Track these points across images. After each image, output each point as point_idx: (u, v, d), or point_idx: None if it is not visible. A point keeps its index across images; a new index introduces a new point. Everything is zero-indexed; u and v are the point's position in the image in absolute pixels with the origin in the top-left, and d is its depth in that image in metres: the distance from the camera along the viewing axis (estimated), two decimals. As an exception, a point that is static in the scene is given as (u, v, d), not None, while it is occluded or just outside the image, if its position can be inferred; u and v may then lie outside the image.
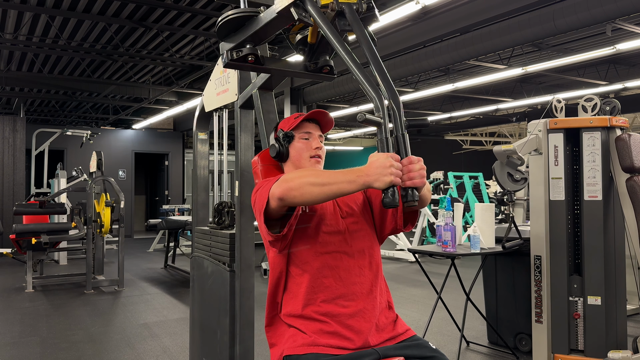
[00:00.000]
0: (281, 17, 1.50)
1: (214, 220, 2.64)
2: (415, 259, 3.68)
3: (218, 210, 2.60)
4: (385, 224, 1.67)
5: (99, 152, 6.89)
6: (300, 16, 1.44)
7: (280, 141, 1.65)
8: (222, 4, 6.01)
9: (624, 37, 7.17)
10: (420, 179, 1.23)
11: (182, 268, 7.14)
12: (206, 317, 2.57)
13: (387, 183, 1.20)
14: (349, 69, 1.34)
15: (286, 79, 8.42)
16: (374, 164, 1.23)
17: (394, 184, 1.20)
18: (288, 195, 1.37)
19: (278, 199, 1.40)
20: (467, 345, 3.78)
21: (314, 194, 1.33)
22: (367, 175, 1.23)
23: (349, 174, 1.28)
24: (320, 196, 1.33)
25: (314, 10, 1.41)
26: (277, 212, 1.48)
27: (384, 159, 1.21)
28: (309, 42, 1.66)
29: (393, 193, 1.21)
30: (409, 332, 1.62)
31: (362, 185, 1.25)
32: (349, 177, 1.27)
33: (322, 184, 1.32)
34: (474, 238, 3.26)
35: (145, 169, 15.43)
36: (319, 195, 1.33)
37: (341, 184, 1.29)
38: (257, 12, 1.58)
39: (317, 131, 1.68)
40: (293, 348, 1.50)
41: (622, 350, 2.87)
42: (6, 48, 7.55)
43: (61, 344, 3.88)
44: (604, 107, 3.31)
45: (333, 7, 1.44)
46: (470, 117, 14.24)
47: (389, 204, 1.21)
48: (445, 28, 6.05)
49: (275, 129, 1.71)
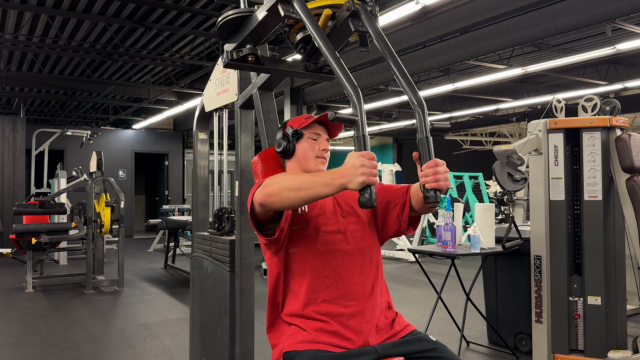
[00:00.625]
0: (271, 15, 1.51)
1: (213, 226, 2.62)
2: (415, 259, 3.68)
3: (218, 216, 2.59)
4: (388, 226, 1.67)
5: (99, 152, 6.89)
6: (287, 13, 1.45)
7: (288, 137, 1.66)
8: (222, 4, 6.01)
9: (624, 37, 7.17)
10: (444, 182, 1.26)
11: (182, 268, 7.14)
12: (206, 317, 2.57)
13: (359, 184, 1.18)
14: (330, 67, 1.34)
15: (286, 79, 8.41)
16: (346, 165, 1.22)
17: (367, 184, 1.18)
18: (267, 201, 1.39)
19: (259, 204, 1.42)
20: (467, 345, 3.78)
21: (292, 199, 1.34)
22: (341, 177, 1.22)
23: (325, 177, 1.28)
24: (297, 201, 1.33)
25: (299, 6, 1.42)
26: (265, 217, 1.48)
27: (355, 158, 1.20)
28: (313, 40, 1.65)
29: (369, 193, 1.18)
30: (409, 327, 1.62)
31: (338, 187, 1.24)
32: (325, 179, 1.27)
33: (299, 189, 1.32)
34: (474, 238, 3.26)
35: (145, 169, 15.43)
36: (297, 200, 1.33)
37: (317, 188, 1.29)
38: (252, 12, 1.59)
39: (325, 135, 1.69)
40: (293, 344, 1.50)
41: (622, 350, 2.87)
42: (6, 48, 7.55)
43: (61, 344, 3.88)
44: (604, 107, 3.31)
45: (348, 7, 1.45)
46: (470, 117, 14.23)
47: (364, 204, 1.19)
48: (445, 28, 6.05)
49: (284, 126, 1.71)
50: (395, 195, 1.65)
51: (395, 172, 11.65)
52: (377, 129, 15.13)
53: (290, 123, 1.70)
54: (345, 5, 1.46)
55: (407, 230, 1.65)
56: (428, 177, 1.28)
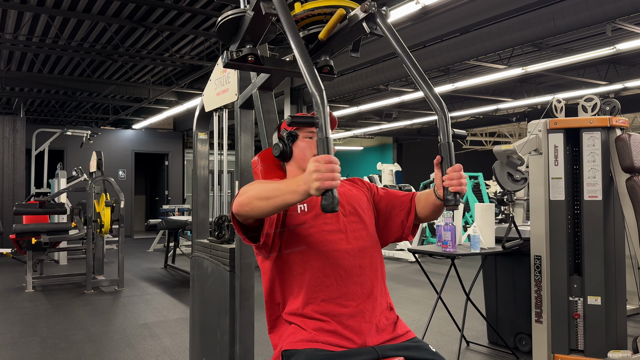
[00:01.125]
0: (257, 13, 1.52)
1: (213, 233, 2.62)
2: (415, 259, 3.68)
3: (218, 224, 2.57)
4: (391, 231, 1.70)
5: (99, 152, 6.89)
6: (267, 10, 1.46)
7: (284, 140, 1.65)
8: (222, 4, 6.01)
9: (624, 37, 7.17)
10: (465, 186, 1.36)
11: (182, 268, 7.14)
12: (206, 317, 2.57)
13: (315, 189, 1.16)
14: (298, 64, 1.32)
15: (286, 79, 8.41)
16: (306, 171, 1.19)
17: (325, 189, 1.15)
18: (241, 211, 1.40)
19: (235, 213, 1.43)
20: (467, 345, 3.78)
21: (262, 207, 1.34)
22: (304, 183, 1.20)
23: (291, 184, 1.26)
24: (268, 209, 1.33)
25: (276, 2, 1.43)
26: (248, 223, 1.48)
27: (311, 164, 1.17)
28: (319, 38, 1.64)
29: (331, 197, 1.15)
30: (409, 333, 1.62)
31: (304, 194, 1.22)
32: (292, 187, 1.26)
33: (267, 198, 1.31)
34: (474, 238, 3.26)
35: (145, 169, 15.43)
36: (267, 209, 1.33)
37: (284, 196, 1.28)
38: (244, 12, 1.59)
39: None
40: (292, 343, 1.50)
41: (622, 350, 2.88)
42: (6, 48, 7.55)
43: (61, 344, 3.88)
44: (604, 107, 3.31)
45: (366, 8, 1.46)
46: (470, 117, 14.24)
47: (324, 208, 1.16)
48: (445, 28, 6.05)
49: (279, 129, 1.71)
50: (400, 202, 1.70)
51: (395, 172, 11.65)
52: (377, 129, 15.12)
53: (284, 125, 1.69)
54: (362, 7, 1.46)
55: (408, 236, 1.70)
56: (453, 181, 1.36)
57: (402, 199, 1.69)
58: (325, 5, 1.55)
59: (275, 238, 1.53)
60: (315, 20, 1.62)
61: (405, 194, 1.70)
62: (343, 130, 16.15)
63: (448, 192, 1.37)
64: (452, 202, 1.36)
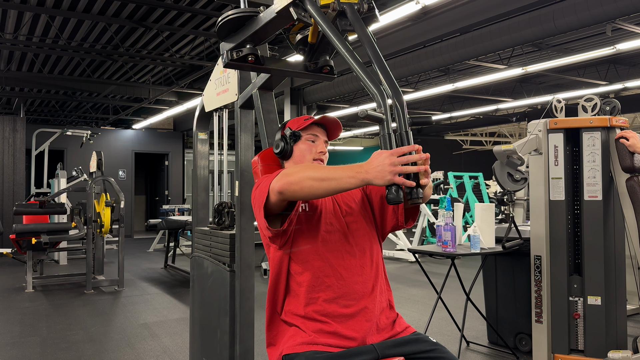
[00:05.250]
0: (280, 17, 1.50)
1: (214, 220, 2.63)
2: (415, 259, 3.68)
3: (218, 210, 2.60)
4: (386, 221, 1.68)
5: (99, 152, 6.88)
6: (299, 16, 1.44)
7: (286, 139, 1.66)
8: (222, 4, 6.01)
9: (624, 37, 7.17)
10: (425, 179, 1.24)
11: (182, 268, 7.14)
12: (206, 317, 2.57)
13: (387, 181, 1.20)
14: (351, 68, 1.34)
15: (286, 79, 8.42)
16: (374, 162, 1.22)
17: (395, 183, 1.20)
18: (288, 190, 1.38)
19: (278, 192, 1.40)
20: (467, 345, 3.78)
21: (314, 188, 1.33)
22: (367, 172, 1.23)
23: (348, 170, 1.28)
24: (319, 191, 1.33)
25: (313, 9, 1.41)
26: (277, 207, 1.48)
27: (385, 157, 1.21)
28: (309, 41, 1.66)
29: (397, 190, 1.20)
30: (409, 329, 1.62)
31: (362, 182, 1.25)
32: (349, 172, 1.27)
33: (322, 179, 1.32)
34: (474, 238, 3.26)
35: (145, 169, 15.43)
36: (318, 190, 1.33)
37: (341, 180, 1.29)
38: (257, 12, 1.58)
39: (324, 136, 1.69)
40: (292, 347, 1.50)
41: (622, 350, 2.88)
42: (6, 48, 7.55)
43: (61, 344, 3.88)
44: (604, 107, 3.31)
45: (334, 7, 1.44)
46: (470, 117, 14.24)
47: (392, 201, 1.21)
48: (445, 28, 6.05)
49: (283, 127, 1.72)
50: None
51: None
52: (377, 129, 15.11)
53: (290, 124, 1.71)
54: (331, 6, 1.44)
55: (405, 223, 1.63)
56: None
57: None
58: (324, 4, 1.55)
59: (292, 228, 1.54)
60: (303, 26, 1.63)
61: None
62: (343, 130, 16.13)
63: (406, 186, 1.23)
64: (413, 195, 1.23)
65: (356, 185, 1.27)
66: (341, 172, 1.29)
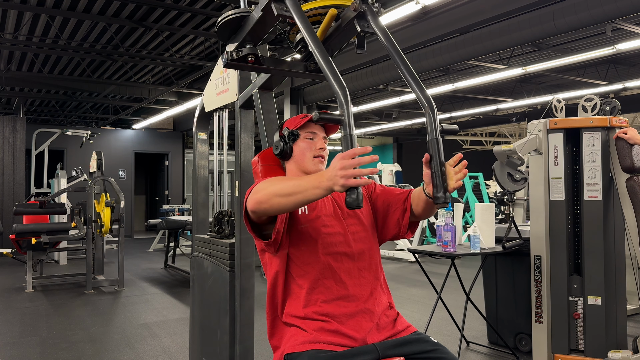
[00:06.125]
0: (266, 14, 1.52)
1: (213, 228, 2.62)
2: (415, 259, 3.68)
3: (218, 219, 2.58)
4: (388, 228, 1.70)
5: (99, 152, 6.89)
6: (280, 12, 1.46)
7: (285, 139, 1.66)
8: (222, 4, 6.01)
9: (624, 37, 7.17)
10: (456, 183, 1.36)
11: (182, 268, 7.14)
12: (206, 317, 2.57)
13: (341, 185, 1.17)
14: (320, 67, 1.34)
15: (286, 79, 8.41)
16: (330, 168, 1.20)
17: (349, 186, 1.17)
18: (259, 209, 1.40)
19: (251, 211, 1.44)
20: (467, 345, 3.78)
21: (282, 204, 1.34)
22: (328, 180, 1.21)
23: (313, 180, 1.27)
24: (288, 206, 1.34)
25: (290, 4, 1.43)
26: (260, 221, 1.49)
27: (336, 161, 1.18)
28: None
29: (356, 194, 1.17)
30: (410, 328, 1.62)
31: (326, 190, 1.24)
32: (314, 183, 1.26)
33: (289, 194, 1.32)
34: (474, 238, 3.26)
35: (145, 169, 15.43)
36: (287, 205, 1.33)
37: (306, 192, 1.28)
38: (249, 12, 1.59)
39: (322, 133, 1.69)
40: (294, 346, 1.50)
41: (622, 350, 2.87)
42: (6, 48, 7.55)
43: (61, 344, 3.88)
44: (604, 107, 3.31)
45: (356, 7, 1.45)
46: (470, 117, 14.23)
47: (350, 205, 1.17)
48: (445, 28, 6.05)
49: (281, 127, 1.72)
50: (397, 199, 1.68)
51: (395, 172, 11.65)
52: (377, 129, 15.12)
53: (287, 124, 1.71)
54: (352, 6, 1.46)
55: (405, 234, 1.67)
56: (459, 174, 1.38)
57: (398, 197, 1.69)
58: (320, 5, 1.55)
59: (283, 235, 1.53)
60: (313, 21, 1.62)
61: (402, 192, 1.70)
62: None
63: (438, 189, 1.34)
64: (442, 200, 1.33)
65: (322, 194, 1.26)
66: (306, 183, 1.29)
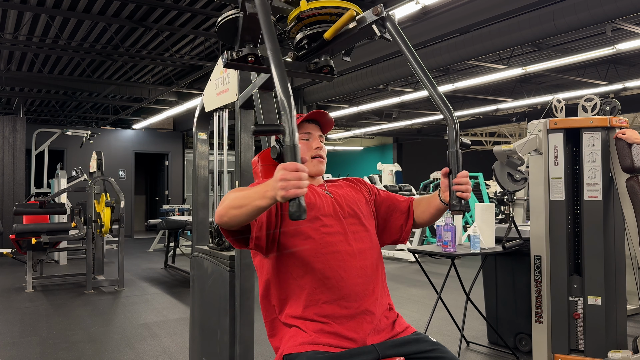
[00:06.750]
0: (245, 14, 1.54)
1: (213, 240, 2.61)
2: (415, 259, 3.68)
3: (218, 230, 2.57)
4: (389, 232, 1.74)
5: (99, 152, 6.89)
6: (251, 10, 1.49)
7: (281, 142, 1.66)
8: (222, 4, 6.01)
9: (624, 37, 7.17)
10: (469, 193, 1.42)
11: (182, 268, 7.14)
12: (206, 317, 2.57)
13: (281, 197, 1.16)
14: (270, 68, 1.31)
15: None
16: (273, 177, 1.19)
17: (289, 197, 1.15)
18: (221, 222, 1.41)
19: (218, 225, 1.44)
20: (467, 345, 3.78)
21: (236, 216, 1.34)
22: (272, 189, 1.20)
23: (260, 190, 1.26)
24: (242, 217, 1.34)
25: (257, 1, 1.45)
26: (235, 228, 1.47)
27: (277, 171, 1.17)
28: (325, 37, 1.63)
29: (297, 205, 1.14)
30: (409, 329, 1.62)
31: (271, 199, 1.23)
32: (261, 193, 1.26)
33: (240, 206, 1.32)
34: (474, 238, 3.26)
35: (145, 169, 15.43)
36: (241, 217, 1.34)
37: (253, 203, 1.28)
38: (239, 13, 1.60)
39: (318, 131, 1.69)
40: (293, 347, 1.49)
41: (622, 350, 2.87)
42: (6, 48, 7.55)
43: (61, 344, 3.88)
44: (604, 107, 3.31)
45: (378, 11, 1.49)
46: (470, 117, 14.24)
47: (292, 216, 1.14)
48: (445, 28, 6.05)
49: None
50: (401, 206, 1.75)
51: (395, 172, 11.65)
52: (377, 129, 15.13)
53: None
54: (375, 9, 1.50)
55: (405, 240, 1.75)
56: (462, 187, 1.42)
57: (402, 204, 1.75)
58: (333, 5, 1.56)
59: (272, 239, 1.53)
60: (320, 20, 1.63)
61: (406, 199, 1.76)
62: (343, 130, 16.15)
63: (454, 197, 1.42)
64: (458, 207, 1.41)
65: (268, 204, 1.26)
66: (254, 193, 1.28)
